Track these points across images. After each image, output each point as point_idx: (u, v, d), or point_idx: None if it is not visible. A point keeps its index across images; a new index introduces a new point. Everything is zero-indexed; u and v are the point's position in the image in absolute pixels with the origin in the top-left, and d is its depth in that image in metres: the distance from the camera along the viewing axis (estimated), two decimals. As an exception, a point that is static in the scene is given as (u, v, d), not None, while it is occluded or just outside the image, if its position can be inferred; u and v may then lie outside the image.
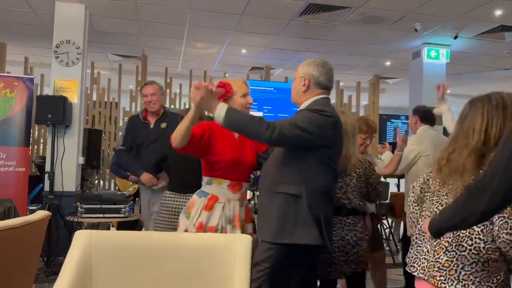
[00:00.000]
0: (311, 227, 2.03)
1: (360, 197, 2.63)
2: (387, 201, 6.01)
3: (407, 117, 4.20)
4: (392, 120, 9.25)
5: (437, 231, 1.49)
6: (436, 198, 1.69)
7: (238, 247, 1.85)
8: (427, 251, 1.63)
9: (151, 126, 3.67)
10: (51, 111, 4.71)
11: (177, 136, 2.16)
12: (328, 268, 2.50)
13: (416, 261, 1.67)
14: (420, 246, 1.68)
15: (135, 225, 4.44)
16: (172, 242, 1.91)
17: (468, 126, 1.64)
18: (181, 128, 2.14)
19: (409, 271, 1.70)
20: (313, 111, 2.09)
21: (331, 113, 2.11)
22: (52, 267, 4.39)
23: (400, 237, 5.36)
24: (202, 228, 2.22)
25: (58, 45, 5.16)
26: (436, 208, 1.66)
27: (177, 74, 7.83)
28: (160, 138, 3.53)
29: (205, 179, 2.36)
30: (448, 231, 1.52)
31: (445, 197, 1.65)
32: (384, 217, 5.78)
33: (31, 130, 5.58)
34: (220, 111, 1.98)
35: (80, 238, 1.79)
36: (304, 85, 2.21)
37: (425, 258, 1.63)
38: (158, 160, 3.18)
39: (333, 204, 2.28)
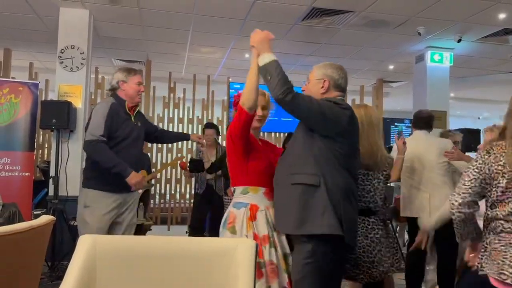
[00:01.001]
0: (331, 217, 2.02)
1: (382, 200, 2.62)
2: (392, 205, 5.99)
3: (411, 121, 4.21)
4: (396, 124, 9.23)
5: None
6: None
7: (242, 252, 1.85)
8: None
9: (133, 119, 3.19)
10: (55, 116, 4.73)
11: (251, 92, 2.14)
12: (356, 270, 2.48)
13: (505, 267, 1.66)
14: (505, 252, 1.69)
15: (139, 229, 4.44)
16: (176, 247, 1.91)
17: None
18: (251, 82, 2.14)
19: (498, 278, 1.68)
20: (330, 100, 2.14)
21: (348, 106, 2.16)
22: (57, 272, 4.39)
23: (405, 242, 5.34)
24: (257, 239, 2.14)
25: (62, 51, 5.19)
26: None
27: (180, 79, 7.85)
28: (141, 135, 3.27)
29: (238, 189, 2.28)
30: None
31: None
32: (389, 221, 5.75)
33: (36, 135, 5.61)
34: (265, 56, 2.10)
35: (84, 243, 1.80)
36: (322, 87, 2.21)
37: None
38: (217, 162, 3.13)
39: (357, 206, 2.27)
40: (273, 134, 7.59)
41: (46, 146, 6.74)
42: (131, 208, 3.21)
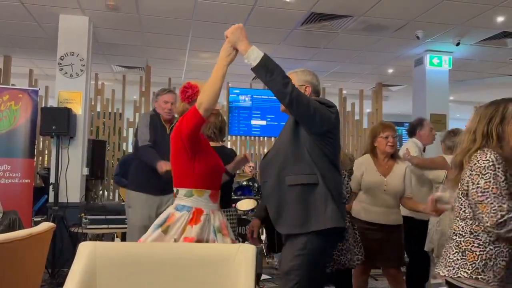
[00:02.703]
0: (334, 212, 2.09)
1: (348, 193, 2.93)
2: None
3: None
4: (396, 127, 9.27)
5: None
6: None
7: (243, 257, 1.85)
8: None
9: (168, 131, 3.52)
10: (55, 123, 4.74)
11: (216, 95, 2.08)
12: (349, 255, 2.78)
13: None
14: None
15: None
16: (176, 253, 1.91)
17: None
18: (218, 83, 2.08)
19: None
20: (315, 100, 2.19)
21: (333, 105, 2.22)
22: (57, 279, 4.38)
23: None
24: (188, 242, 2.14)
25: (62, 57, 5.21)
26: None
27: (180, 84, 7.84)
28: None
29: (182, 191, 2.20)
30: None
31: None
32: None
33: (36, 141, 5.61)
34: (254, 51, 2.05)
35: (84, 250, 1.79)
36: (305, 92, 2.25)
37: None
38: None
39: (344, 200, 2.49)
40: (273, 138, 7.60)
41: (46, 152, 6.74)
42: None
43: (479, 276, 1.66)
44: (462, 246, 1.72)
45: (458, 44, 5.88)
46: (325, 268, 2.35)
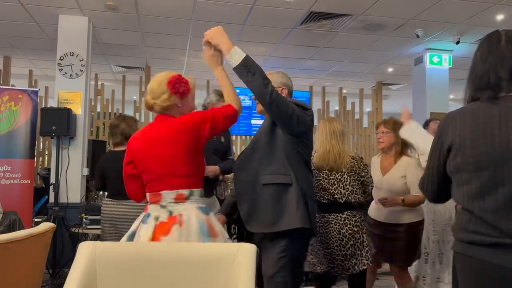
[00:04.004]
0: (304, 212, 2.16)
1: (353, 192, 2.78)
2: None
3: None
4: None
5: None
6: None
7: (243, 256, 1.84)
8: None
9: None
10: (55, 123, 4.73)
11: (235, 93, 2.12)
12: (331, 264, 2.73)
13: None
14: None
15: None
16: (177, 252, 1.90)
17: None
18: (231, 87, 2.13)
19: None
20: (291, 102, 2.24)
21: (309, 107, 2.28)
22: (58, 279, 4.38)
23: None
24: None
25: (62, 58, 5.20)
26: None
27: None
28: (220, 149, 3.38)
29: (197, 191, 2.07)
30: None
31: None
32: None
33: (36, 142, 5.61)
34: (237, 51, 2.09)
35: (85, 250, 1.79)
36: (282, 94, 2.30)
37: None
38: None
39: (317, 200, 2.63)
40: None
41: (47, 153, 6.74)
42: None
43: None
44: None
45: (458, 43, 5.87)
46: (303, 263, 2.43)
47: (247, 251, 1.83)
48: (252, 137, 2.51)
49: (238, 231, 3.92)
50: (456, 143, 1.41)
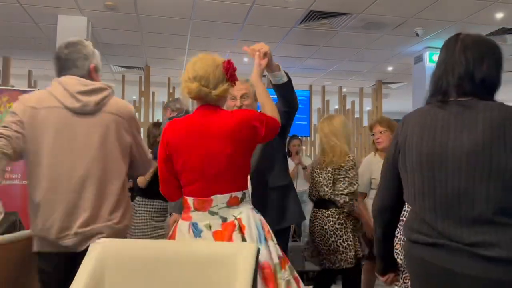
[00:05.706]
0: (300, 207, 2.46)
1: (338, 190, 2.86)
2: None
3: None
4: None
5: None
6: None
7: (244, 256, 1.84)
8: None
9: None
10: (55, 124, 4.72)
11: (275, 107, 2.02)
12: (320, 256, 2.90)
13: None
14: None
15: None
16: (186, 251, 1.89)
17: None
18: (274, 105, 2.01)
19: None
20: None
21: None
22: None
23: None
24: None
25: (61, 58, 5.19)
26: None
27: (180, 84, 7.84)
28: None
29: (239, 194, 1.82)
30: None
31: None
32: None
33: (36, 142, 5.60)
34: (283, 72, 2.22)
35: (93, 249, 1.79)
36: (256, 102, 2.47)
37: None
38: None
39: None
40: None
41: (46, 153, 6.73)
42: None
43: None
44: None
45: (457, 41, 5.87)
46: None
47: (247, 251, 1.82)
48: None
49: None
50: (404, 143, 1.48)
